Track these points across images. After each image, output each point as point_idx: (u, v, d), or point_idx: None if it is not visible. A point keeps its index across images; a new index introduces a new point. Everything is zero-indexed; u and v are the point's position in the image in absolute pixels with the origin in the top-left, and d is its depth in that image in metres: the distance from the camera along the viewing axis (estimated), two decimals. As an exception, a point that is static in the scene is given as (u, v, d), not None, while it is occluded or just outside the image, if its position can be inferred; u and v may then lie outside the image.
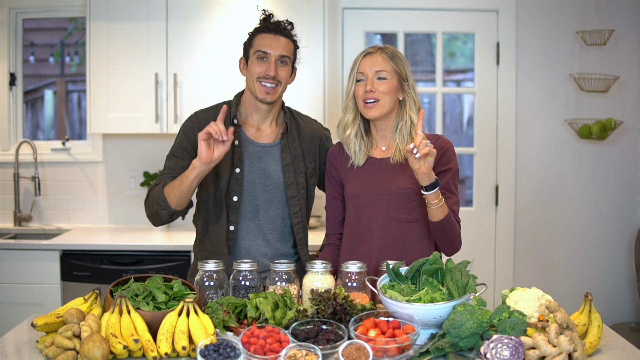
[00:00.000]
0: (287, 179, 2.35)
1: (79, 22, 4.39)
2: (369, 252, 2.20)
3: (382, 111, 2.20)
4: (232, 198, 2.30)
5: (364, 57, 2.23)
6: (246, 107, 2.38)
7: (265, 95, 2.28)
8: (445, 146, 2.23)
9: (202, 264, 2.03)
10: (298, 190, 2.36)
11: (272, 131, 2.39)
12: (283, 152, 2.36)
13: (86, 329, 1.69)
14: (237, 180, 2.31)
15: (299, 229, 2.38)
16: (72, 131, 5.04)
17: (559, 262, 4.08)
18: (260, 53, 2.27)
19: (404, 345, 1.67)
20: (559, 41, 4.00)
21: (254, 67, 2.28)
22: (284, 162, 2.35)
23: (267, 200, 2.34)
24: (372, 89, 2.18)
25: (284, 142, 2.37)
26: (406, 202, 2.20)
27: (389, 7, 3.99)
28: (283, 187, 2.35)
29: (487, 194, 4.07)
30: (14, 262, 3.44)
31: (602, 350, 1.79)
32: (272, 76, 2.25)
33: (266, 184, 2.34)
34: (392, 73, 2.20)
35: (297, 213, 2.36)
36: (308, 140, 2.43)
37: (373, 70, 2.19)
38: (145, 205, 2.33)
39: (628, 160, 4.06)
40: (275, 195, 2.35)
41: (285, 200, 2.36)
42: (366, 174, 2.25)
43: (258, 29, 2.33)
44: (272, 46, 2.27)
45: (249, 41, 2.34)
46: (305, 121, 2.48)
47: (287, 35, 2.31)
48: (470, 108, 5.73)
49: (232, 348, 1.63)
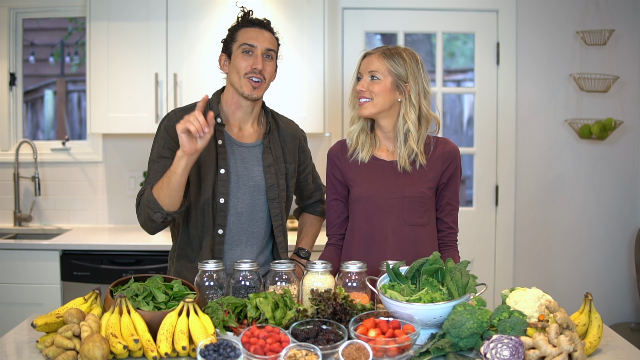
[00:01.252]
0: (268, 180, 2.28)
1: (79, 22, 4.39)
2: (383, 254, 2.19)
3: (372, 110, 2.20)
4: (219, 200, 2.22)
5: (363, 57, 2.25)
6: (228, 105, 2.30)
7: (252, 90, 2.21)
8: (454, 154, 2.26)
9: (202, 264, 2.03)
10: (279, 192, 2.31)
11: (254, 131, 2.32)
12: (265, 153, 2.30)
13: (86, 329, 1.69)
14: (223, 181, 2.23)
15: (279, 232, 2.33)
16: (72, 131, 5.04)
17: (559, 262, 4.08)
18: (246, 46, 2.21)
19: (404, 345, 1.67)
20: (559, 41, 4.00)
21: (240, 61, 2.21)
22: (265, 162, 2.29)
23: (250, 202, 2.27)
24: (363, 88, 2.20)
25: (265, 142, 2.31)
26: (419, 206, 2.21)
27: (389, 7, 3.99)
28: (264, 188, 2.29)
29: (487, 194, 4.07)
30: (14, 262, 3.44)
31: (602, 350, 1.78)
32: (259, 70, 2.19)
33: (249, 186, 2.27)
34: (386, 73, 2.19)
35: (278, 216, 2.31)
36: (289, 140, 2.38)
37: (367, 70, 2.21)
38: (137, 214, 2.18)
39: (628, 160, 4.06)
40: (258, 197, 2.29)
41: (266, 202, 2.30)
42: (375, 176, 2.25)
43: (241, 23, 2.26)
44: (257, 39, 2.22)
45: (231, 36, 2.27)
46: (285, 121, 2.42)
47: (270, 30, 2.27)
48: (470, 108, 5.73)
49: (232, 348, 1.63)
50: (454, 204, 2.27)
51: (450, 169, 2.24)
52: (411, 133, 2.20)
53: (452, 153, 2.25)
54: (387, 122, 2.25)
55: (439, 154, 2.24)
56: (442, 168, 2.23)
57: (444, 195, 2.26)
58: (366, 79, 2.20)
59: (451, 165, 2.24)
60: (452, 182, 2.26)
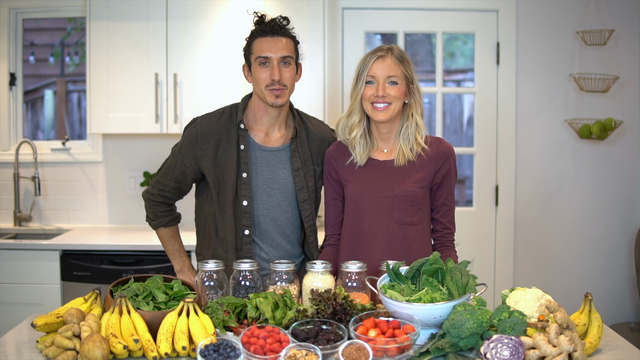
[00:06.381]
0: (297, 183, 2.33)
1: (78, 22, 4.39)
2: (372, 253, 2.20)
3: (391, 115, 2.21)
4: (242, 202, 2.29)
5: (376, 60, 2.20)
6: (255, 112, 2.34)
7: (275, 99, 2.24)
8: (448, 154, 2.26)
9: (202, 264, 2.03)
10: (309, 194, 2.35)
11: (282, 135, 2.36)
12: (293, 157, 2.34)
13: (86, 329, 1.69)
14: (245, 184, 2.29)
15: (310, 232, 2.38)
16: (72, 131, 5.04)
17: (559, 262, 4.08)
18: (261, 59, 2.23)
19: (404, 345, 1.67)
20: (559, 41, 4.00)
21: (259, 74, 2.24)
22: (293, 166, 2.33)
23: (275, 204, 2.32)
24: (384, 93, 2.18)
25: (293, 146, 2.34)
26: (410, 205, 2.21)
27: (389, 7, 3.99)
28: (293, 191, 2.33)
29: (487, 194, 4.07)
30: (14, 262, 3.44)
31: (602, 350, 1.79)
32: (277, 80, 2.21)
33: (274, 188, 2.32)
34: (402, 77, 2.21)
35: (309, 217, 2.36)
36: (317, 143, 2.40)
37: (385, 74, 2.19)
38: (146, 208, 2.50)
39: (628, 160, 4.06)
40: (284, 199, 2.33)
41: (295, 204, 2.35)
42: (369, 175, 2.25)
43: (255, 33, 2.28)
44: (271, 49, 2.23)
45: (248, 47, 2.29)
46: (314, 124, 2.45)
47: (285, 34, 2.27)
48: (470, 108, 5.73)
49: (232, 348, 1.63)
50: (449, 204, 2.26)
51: (444, 169, 2.24)
52: (420, 130, 2.24)
53: (446, 153, 2.25)
54: (390, 124, 2.25)
55: (433, 154, 2.24)
56: (435, 168, 2.23)
57: (439, 195, 2.25)
58: (384, 83, 2.19)
59: (445, 165, 2.24)
60: (447, 182, 2.25)
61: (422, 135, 2.25)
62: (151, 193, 2.43)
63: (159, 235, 2.50)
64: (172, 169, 2.37)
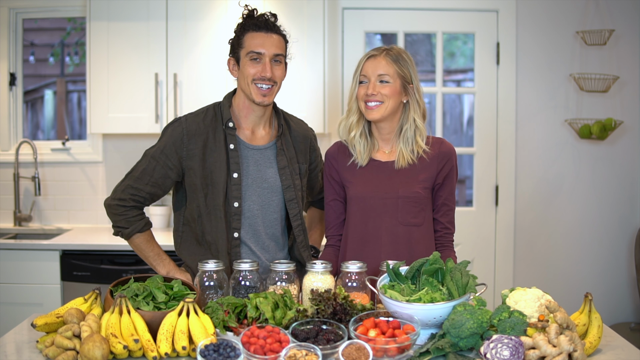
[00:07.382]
0: (284, 181, 2.29)
1: (78, 22, 4.39)
2: (377, 254, 2.19)
3: (383, 114, 2.20)
4: (233, 204, 2.22)
5: (367, 60, 2.22)
6: (239, 110, 2.29)
7: (262, 98, 2.20)
8: (450, 154, 2.26)
9: (202, 264, 2.03)
10: (296, 192, 2.31)
11: (266, 133, 2.32)
12: (279, 155, 2.30)
13: (86, 329, 1.69)
14: (236, 185, 2.23)
15: (299, 232, 2.33)
16: (72, 131, 5.05)
17: (559, 262, 4.08)
18: (253, 54, 2.19)
19: (404, 345, 1.67)
20: (559, 41, 4.00)
21: (248, 68, 2.19)
22: (280, 164, 2.29)
23: (264, 204, 2.28)
24: (374, 91, 2.18)
25: (278, 144, 2.31)
26: (414, 206, 2.21)
27: (389, 7, 3.99)
28: (280, 190, 2.29)
29: (487, 194, 4.07)
30: (14, 262, 3.44)
31: (602, 350, 1.79)
32: (268, 77, 2.18)
33: (263, 188, 2.27)
34: (395, 76, 2.19)
35: (297, 215, 2.31)
36: (300, 141, 2.38)
37: (376, 73, 2.19)
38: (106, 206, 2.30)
39: (628, 160, 4.06)
40: (272, 199, 2.29)
41: (282, 203, 2.30)
42: (371, 176, 2.25)
43: (246, 26, 2.22)
44: (264, 45, 2.19)
45: (238, 40, 2.24)
46: (295, 122, 2.42)
47: (277, 32, 2.23)
48: (470, 108, 5.73)
49: (232, 348, 1.63)
50: (450, 204, 2.27)
51: (446, 169, 2.24)
52: (420, 131, 2.23)
53: (448, 153, 2.25)
54: (389, 125, 2.25)
55: (435, 154, 2.24)
56: (438, 168, 2.23)
57: (439, 195, 2.25)
58: (375, 82, 2.19)
59: (446, 165, 2.24)
60: (448, 183, 2.25)
61: (423, 136, 2.24)
62: (120, 198, 2.26)
63: (135, 244, 2.31)
64: (151, 173, 2.23)
